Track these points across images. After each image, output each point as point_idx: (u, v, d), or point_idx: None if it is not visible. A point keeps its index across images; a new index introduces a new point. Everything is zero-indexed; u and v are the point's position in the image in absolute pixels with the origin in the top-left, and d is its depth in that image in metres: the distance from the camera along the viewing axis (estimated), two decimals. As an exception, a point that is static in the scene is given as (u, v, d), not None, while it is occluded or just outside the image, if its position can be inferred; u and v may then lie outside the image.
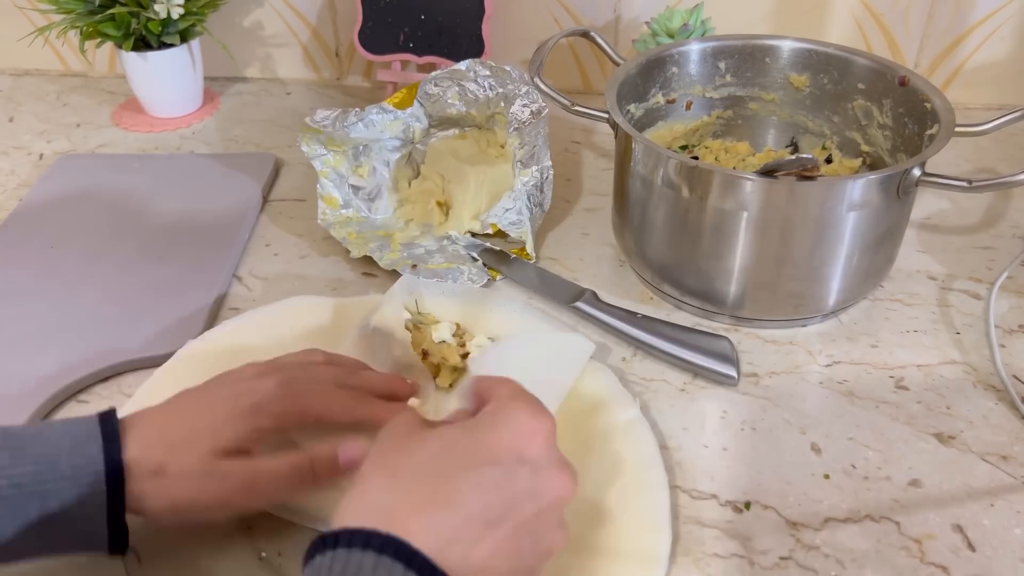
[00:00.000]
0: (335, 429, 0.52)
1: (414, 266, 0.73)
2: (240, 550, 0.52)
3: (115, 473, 0.44)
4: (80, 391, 0.63)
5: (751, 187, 0.61)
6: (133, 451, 0.45)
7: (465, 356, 0.61)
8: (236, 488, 0.47)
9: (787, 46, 0.78)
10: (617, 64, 0.78)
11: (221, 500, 0.47)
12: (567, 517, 0.42)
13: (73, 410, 0.62)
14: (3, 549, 0.43)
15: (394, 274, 0.73)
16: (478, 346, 0.62)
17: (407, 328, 0.62)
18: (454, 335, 0.62)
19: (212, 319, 0.70)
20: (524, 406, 0.42)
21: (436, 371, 0.61)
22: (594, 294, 0.70)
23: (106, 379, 0.64)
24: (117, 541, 0.45)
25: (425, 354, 0.61)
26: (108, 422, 0.46)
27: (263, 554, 0.51)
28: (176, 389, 0.51)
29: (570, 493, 0.41)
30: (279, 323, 0.66)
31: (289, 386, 0.50)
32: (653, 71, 0.77)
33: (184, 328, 0.67)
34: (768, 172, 0.60)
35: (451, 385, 0.61)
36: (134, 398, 0.60)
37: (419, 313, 0.65)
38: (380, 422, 0.46)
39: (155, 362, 0.63)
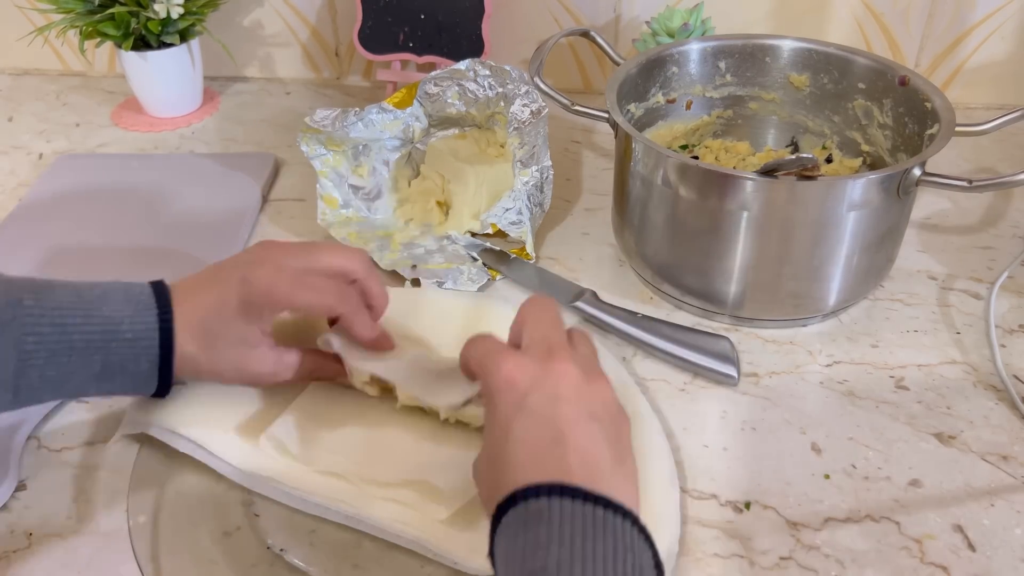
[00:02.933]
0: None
1: (414, 266, 0.73)
2: (247, 538, 0.52)
3: (167, 341, 0.52)
4: (80, 391, 0.63)
5: (751, 187, 0.61)
6: (180, 334, 0.52)
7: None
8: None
9: (787, 46, 0.78)
10: (617, 64, 0.78)
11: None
12: None
13: (75, 409, 0.61)
14: (71, 388, 0.51)
15: (394, 274, 0.73)
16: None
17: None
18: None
19: (212, 319, 0.70)
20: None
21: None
22: (594, 294, 0.70)
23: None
24: (162, 389, 0.54)
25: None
26: (161, 295, 0.53)
27: (269, 542, 0.52)
28: (176, 386, 0.56)
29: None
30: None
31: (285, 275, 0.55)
32: (653, 71, 0.77)
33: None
34: (768, 172, 0.60)
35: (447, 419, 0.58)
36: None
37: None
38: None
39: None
